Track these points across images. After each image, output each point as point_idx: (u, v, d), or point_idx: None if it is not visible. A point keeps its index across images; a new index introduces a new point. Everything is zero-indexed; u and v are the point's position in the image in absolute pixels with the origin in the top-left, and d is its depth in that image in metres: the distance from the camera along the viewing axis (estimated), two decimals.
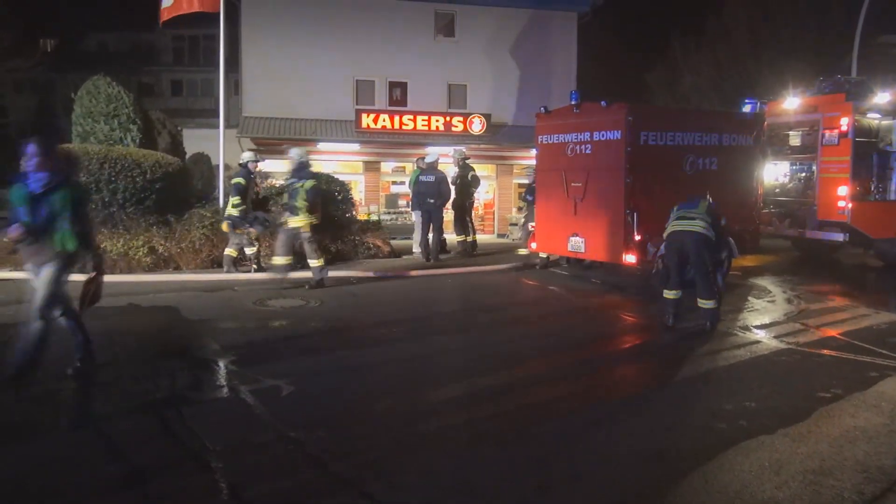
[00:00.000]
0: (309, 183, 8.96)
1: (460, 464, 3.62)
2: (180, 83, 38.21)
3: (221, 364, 5.55)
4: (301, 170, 9.09)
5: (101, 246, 9.79)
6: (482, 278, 10.71)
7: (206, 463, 3.55)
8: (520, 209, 18.97)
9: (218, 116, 12.84)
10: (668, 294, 7.17)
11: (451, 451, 3.81)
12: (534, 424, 4.23)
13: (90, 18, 37.60)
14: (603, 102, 9.66)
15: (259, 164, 10.19)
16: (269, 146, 19.68)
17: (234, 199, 9.59)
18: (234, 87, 21.56)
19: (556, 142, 10.60)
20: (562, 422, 4.31)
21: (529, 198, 12.10)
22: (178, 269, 9.97)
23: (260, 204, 10.62)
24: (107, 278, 8.88)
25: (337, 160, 20.55)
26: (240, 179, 9.76)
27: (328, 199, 12.02)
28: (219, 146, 12.29)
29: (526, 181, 18.81)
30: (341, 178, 13.55)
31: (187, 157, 14.50)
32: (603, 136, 9.81)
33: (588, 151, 10.05)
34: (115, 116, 11.98)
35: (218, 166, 12.43)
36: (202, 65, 36.54)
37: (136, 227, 10.29)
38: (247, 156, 10.13)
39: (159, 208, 10.83)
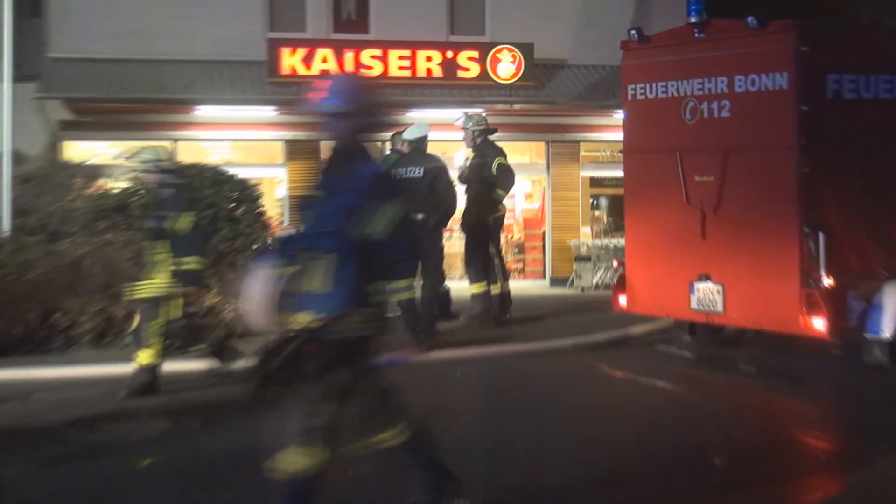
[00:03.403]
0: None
1: None
2: None
3: None
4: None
5: None
6: (523, 368, 10.64)
7: None
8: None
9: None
10: None
11: None
12: None
13: None
14: (751, 19, 9.74)
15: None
16: (98, 114, 19.47)
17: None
18: (27, 6, 21.18)
19: (660, 95, 10.72)
20: None
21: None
22: None
23: None
24: None
25: (232, 138, 20.45)
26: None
27: (217, 215, 11.81)
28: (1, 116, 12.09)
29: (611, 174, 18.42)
30: (240, 173, 13.32)
31: None
32: (753, 82, 9.88)
33: (725, 114, 10.13)
34: None
35: (1, 155, 12.22)
36: None
37: None
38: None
39: None
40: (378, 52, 19.51)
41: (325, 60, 19.23)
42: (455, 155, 13.83)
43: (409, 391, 9.19)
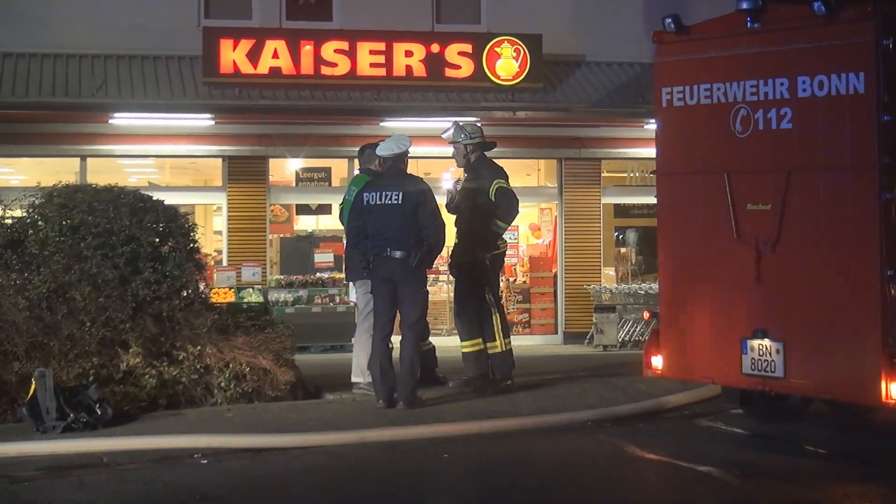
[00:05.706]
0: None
1: None
2: None
3: None
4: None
5: None
6: (528, 449, 10.70)
7: None
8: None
9: None
10: None
11: None
12: None
13: None
14: (818, 4, 9.70)
15: None
16: None
17: None
18: None
19: (703, 101, 10.80)
20: None
21: None
22: None
23: None
24: None
25: (157, 154, 20.92)
26: None
27: (137, 252, 11.89)
28: None
29: (641, 200, 18.63)
30: (167, 199, 13.40)
31: None
32: (821, 85, 9.92)
33: (786, 125, 10.18)
34: None
35: None
36: None
37: None
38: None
39: None
40: (344, 44, 19.70)
41: (275, 55, 19.35)
42: (443, 176, 13.91)
43: (380, 480, 9.36)
